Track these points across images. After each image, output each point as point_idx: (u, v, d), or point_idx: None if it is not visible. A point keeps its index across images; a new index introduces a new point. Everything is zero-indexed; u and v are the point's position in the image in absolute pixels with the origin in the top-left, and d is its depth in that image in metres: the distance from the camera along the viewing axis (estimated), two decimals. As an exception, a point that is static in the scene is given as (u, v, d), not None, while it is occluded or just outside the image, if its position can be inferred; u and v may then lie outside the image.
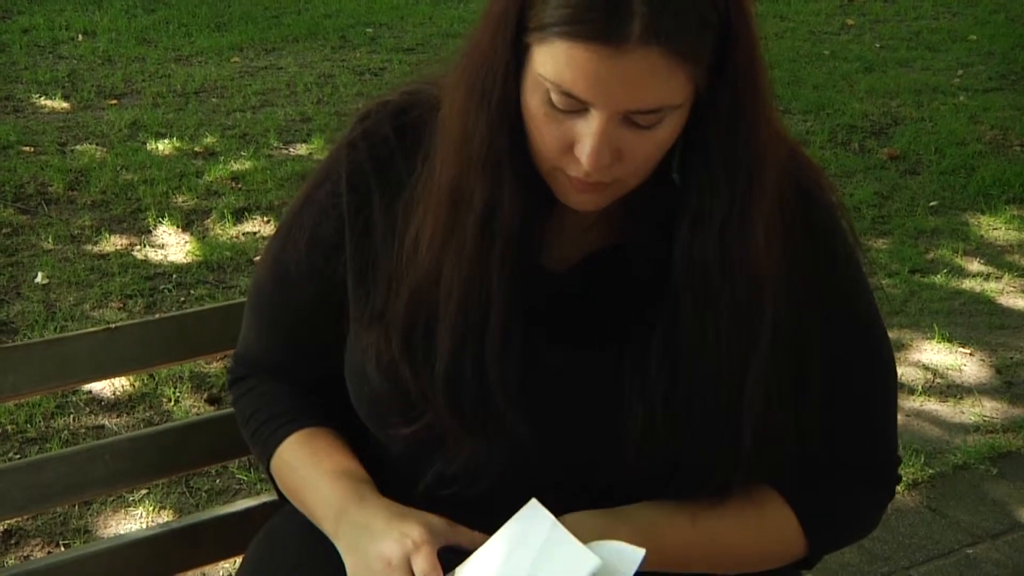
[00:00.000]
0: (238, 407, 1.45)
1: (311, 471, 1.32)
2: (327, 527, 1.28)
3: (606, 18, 1.06)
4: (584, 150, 1.13)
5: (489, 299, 1.20)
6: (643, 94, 1.10)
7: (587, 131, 1.12)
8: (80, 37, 6.81)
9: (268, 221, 4.42)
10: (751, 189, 1.19)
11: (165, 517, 2.83)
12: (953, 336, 3.77)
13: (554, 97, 1.12)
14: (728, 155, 1.17)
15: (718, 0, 1.09)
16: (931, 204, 4.82)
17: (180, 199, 4.62)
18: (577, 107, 1.12)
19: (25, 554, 2.69)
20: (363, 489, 1.28)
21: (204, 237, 4.31)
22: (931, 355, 3.68)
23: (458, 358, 1.22)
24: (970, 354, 3.69)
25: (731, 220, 1.19)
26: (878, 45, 7.12)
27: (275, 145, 5.23)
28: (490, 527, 1.19)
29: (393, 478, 1.31)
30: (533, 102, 1.14)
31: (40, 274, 3.96)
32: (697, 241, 1.19)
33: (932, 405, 3.41)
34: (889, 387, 1.37)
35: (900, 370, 3.53)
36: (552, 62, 1.10)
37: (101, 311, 3.75)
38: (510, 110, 1.15)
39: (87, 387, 3.23)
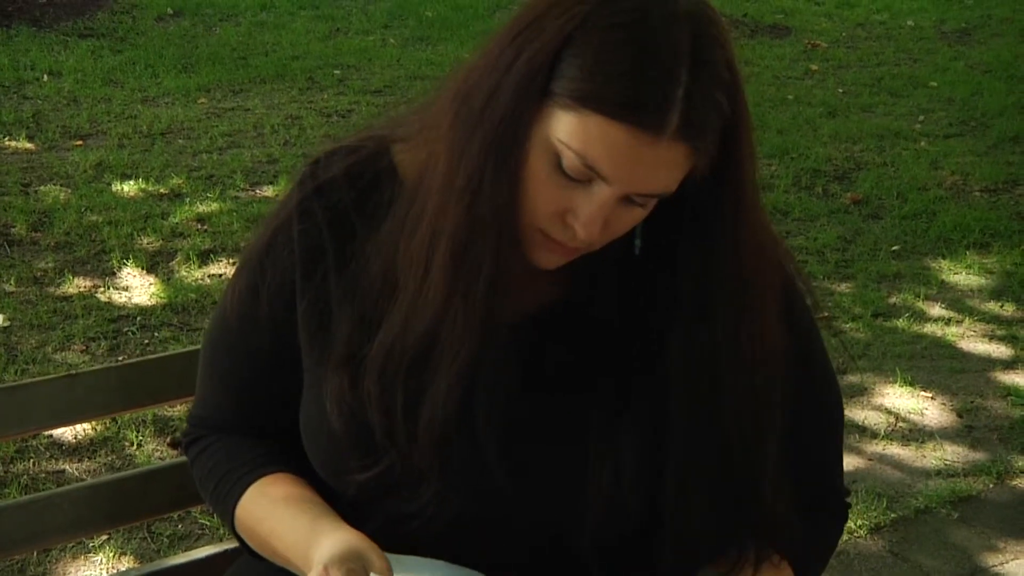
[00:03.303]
0: (195, 468, 1.42)
1: (273, 524, 1.30)
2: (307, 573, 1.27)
3: (652, 106, 1.07)
4: (581, 220, 1.14)
5: (481, 347, 1.19)
6: (658, 181, 1.13)
7: (589, 203, 1.13)
8: (45, 77, 6.78)
9: (234, 263, 4.39)
10: (754, 284, 1.22)
11: (126, 564, 2.80)
12: (915, 380, 3.80)
13: (567, 164, 1.11)
14: (729, 250, 1.20)
15: (730, 95, 1.12)
16: (893, 248, 4.87)
17: (145, 241, 4.60)
18: (587, 178, 1.12)
19: (-18, 601, 2.66)
20: (320, 526, 1.25)
21: (169, 279, 4.29)
22: (893, 399, 3.70)
23: (460, 406, 1.21)
24: (932, 398, 3.72)
25: (735, 316, 1.22)
26: (841, 90, 7.21)
27: (242, 187, 5.22)
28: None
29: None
30: (538, 163, 1.13)
31: (1, 316, 3.93)
32: (702, 334, 1.21)
33: (894, 449, 3.43)
34: (841, 421, 1.40)
35: (863, 414, 3.57)
36: (582, 133, 1.09)
37: (64, 354, 3.72)
38: (523, 171, 1.14)
39: (48, 431, 3.20)
